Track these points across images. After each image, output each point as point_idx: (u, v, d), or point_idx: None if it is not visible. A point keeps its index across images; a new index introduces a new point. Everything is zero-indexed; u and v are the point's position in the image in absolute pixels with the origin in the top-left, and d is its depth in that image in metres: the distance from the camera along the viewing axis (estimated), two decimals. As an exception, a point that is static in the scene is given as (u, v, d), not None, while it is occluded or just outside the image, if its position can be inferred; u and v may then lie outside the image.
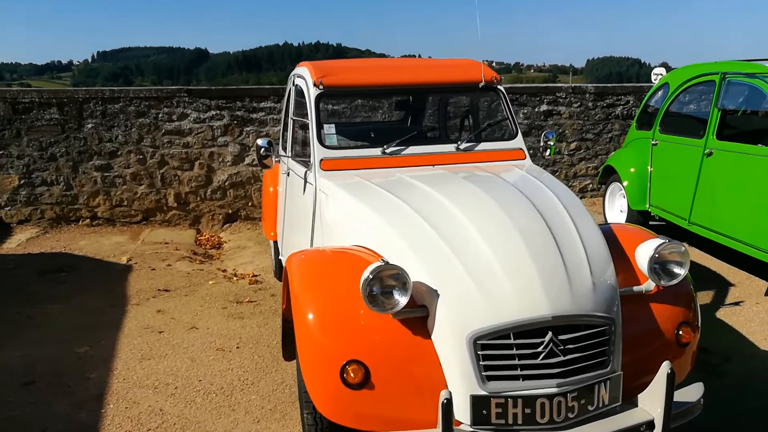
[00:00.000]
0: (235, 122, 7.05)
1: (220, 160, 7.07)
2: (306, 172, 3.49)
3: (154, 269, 5.49)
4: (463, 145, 3.54)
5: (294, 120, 4.02)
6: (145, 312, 4.43)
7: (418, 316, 2.25)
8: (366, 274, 2.14)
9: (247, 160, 7.13)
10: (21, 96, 6.66)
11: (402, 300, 2.17)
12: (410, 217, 2.55)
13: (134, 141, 6.86)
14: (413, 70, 3.84)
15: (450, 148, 3.53)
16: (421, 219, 2.51)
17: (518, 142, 3.64)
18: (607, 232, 2.77)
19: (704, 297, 4.64)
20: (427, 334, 2.23)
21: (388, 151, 3.42)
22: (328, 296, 2.32)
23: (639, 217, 5.94)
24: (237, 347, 3.81)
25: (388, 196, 2.76)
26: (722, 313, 4.34)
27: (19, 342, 3.88)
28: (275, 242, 5.04)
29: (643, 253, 2.45)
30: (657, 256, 2.42)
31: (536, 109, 7.66)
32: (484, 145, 3.59)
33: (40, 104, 6.65)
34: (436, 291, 2.22)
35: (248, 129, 7.10)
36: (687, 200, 5.22)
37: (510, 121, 3.72)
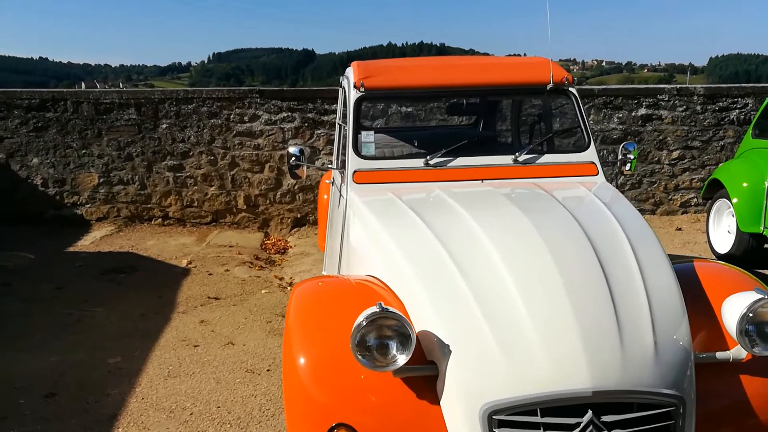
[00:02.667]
0: (306, 125, 6.85)
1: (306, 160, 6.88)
2: (342, 184, 3.14)
3: (211, 274, 5.37)
4: (522, 157, 3.03)
5: (340, 125, 3.68)
6: (188, 322, 4.28)
7: (427, 376, 1.82)
8: (358, 320, 1.74)
9: (317, 164, 6.91)
10: (103, 97, 6.83)
11: (401, 357, 1.75)
12: (432, 248, 2.11)
13: (206, 142, 6.84)
14: (470, 70, 3.37)
15: (507, 160, 3.03)
16: (444, 252, 2.06)
17: (590, 154, 3.07)
18: (688, 273, 2.19)
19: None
20: (435, 399, 1.80)
21: (432, 162, 2.99)
22: (326, 340, 1.93)
23: (751, 241, 5.07)
24: (267, 370, 3.53)
25: (414, 220, 2.34)
26: None
27: (58, 346, 3.83)
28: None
29: (733, 309, 1.86)
30: (751, 315, 1.83)
31: (633, 114, 6.86)
32: (548, 158, 3.06)
33: (120, 105, 6.79)
34: (448, 347, 1.78)
35: (319, 132, 6.88)
36: (811, 224, 4.35)
37: (582, 130, 3.16)
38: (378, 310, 1.73)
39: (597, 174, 3.03)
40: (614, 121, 6.87)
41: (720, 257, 5.45)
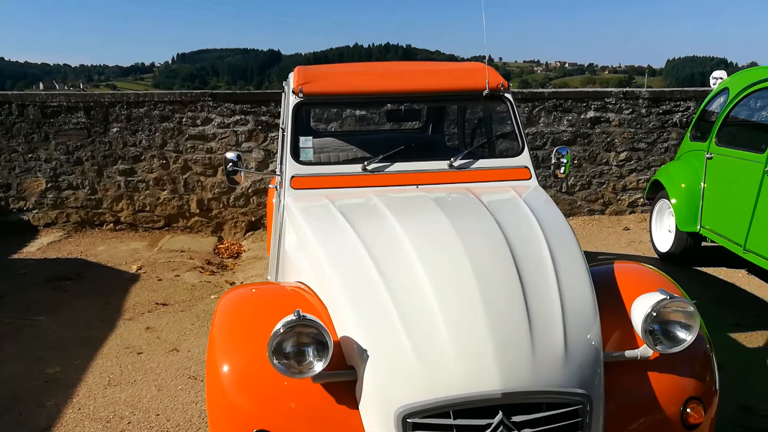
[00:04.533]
0: (260, 128, 6.82)
1: (245, 166, 6.85)
2: (281, 189, 3.15)
3: (161, 280, 5.31)
4: (457, 162, 3.09)
5: (283, 130, 3.69)
6: (133, 328, 4.23)
7: (347, 381, 1.85)
8: (275, 328, 1.76)
9: (272, 167, 6.89)
10: (50, 100, 6.68)
11: (318, 364, 1.78)
12: (357, 255, 2.14)
13: (158, 145, 6.76)
14: (408, 76, 3.41)
15: (442, 165, 3.09)
16: (369, 259, 2.10)
17: (524, 159, 3.15)
18: (606, 275, 2.27)
19: (758, 338, 3.98)
20: (354, 404, 1.83)
21: (369, 167, 3.02)
22: (248, 348, 1.95)
23: (689, 240, 5.26)
24: (211, 376, 3.51)
25: (343, 226, 2.37)
26: (776, 361, 3.68)
27: (-4, 357, 3.74)
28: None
29: (639, 310, 1.94)
30: (655, 314, 1.91)
31: (582, 116, 7.03)
32: (482, 163, 3.12)
33: (68, 108, 6.65)
34: (366, 352, 1.81)
35: (273, 135, 6.85)
36: (743, 223, 4.52)
37: (516, 135, 3.23)
38: (295, 317, 1.75)
39: (530, 178, 3.11)
40: (564, 124, 7.02)
41: (662, 256, 5.63)
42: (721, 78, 5.34)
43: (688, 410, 1.94)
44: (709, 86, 5.64)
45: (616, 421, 1.88)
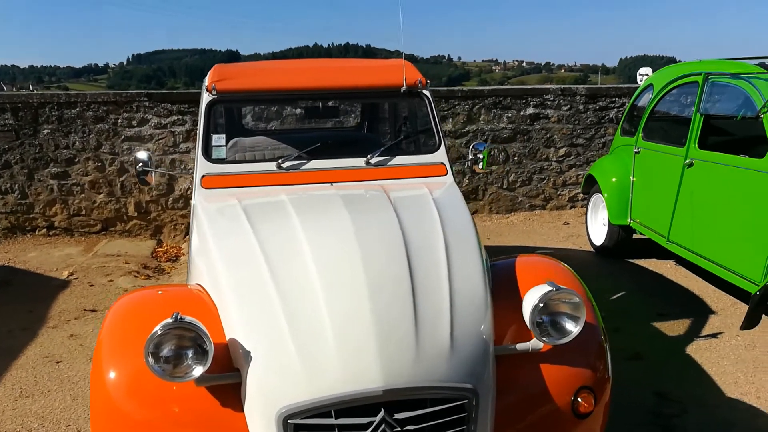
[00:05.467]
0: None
1: (182, 167, 6.72)
2: (192, 190, 3.09)
3: (92, 285, 5.16)
4: (374, 159, 3.08)
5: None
6: (56, 336, 4.09)
7: (231, 384, 1.81)
8: (153, 331, 1.72)
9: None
10: (-25, 101, 6.42)
11: (197, 368, 1.74)
12: (251, 256, 2.11)
13: (92, 148, 6.56)
14: (327, 73, 3.40)
15: (359, 162, 3.08)
16: (263, 260, 2.07)
17: (440, 155, 3.16)
18: (507, 268, 2.29)
19: (679, 327, 4.09)
20: (239, 407, 1.80)
21: (284, 165, 2.99)
22: (133, 353, 1.89)
23: (621, 233, 5.38)
24: (131, 383, 3.42)
25: (243, 227, 2.33)
26: (694, 348, 3.78)
27: None
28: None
29: (528, 302, 1.96)
30: (542, 306, 1.93)
31: (521, 113, 7.13)
32: (399, 159, 3.12)
33: (-6, 110, 6.40)
34: (250, 354, 1.78)
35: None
36: (667, 216, 4.65)
37: (433, 132, 3.24)
38: (172, 320, 1.71)
39: (446, 174, 3.12)
40: (504, 121, 7.10)
41: (597, 249, 5.75)
42: (647, 74, 5.47)
43: (579, 399, 1.97)
44: (638, 83, 5.78)
45: (507, 414, 1.89)
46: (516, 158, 7.22)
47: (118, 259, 5.94)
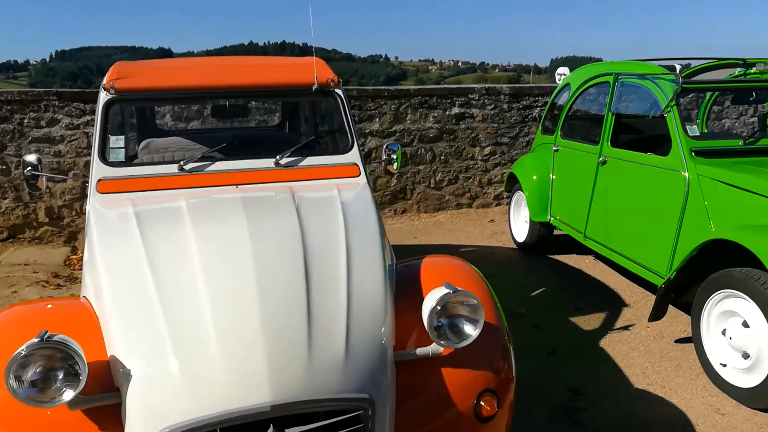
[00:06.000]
0: (114, 128, 6.37)
1: (77, 171, 6.38)
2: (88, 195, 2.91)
3: (-6, 297, 4.81)
4: (284, 160, 2.99)
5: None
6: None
7: (112, 405, 1.69)
8: (17, 351, 1.57)
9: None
10: None
11: (68, 391, 1.61)
12: (135, 267, 1.99)
13: (-4, 150, 6.14)
14: (235, 71, 3.27)
15: (268, 163, 2.98)
16: (147, 269, 1.95)
17: (353, 156, 3.10)
18: (412, 271, 2.25)
19: (594, 321, 4.19)
20: (120, 429, 1.67)
21: (187, 167, 2.86)
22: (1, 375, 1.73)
23: (542, 230, 5.49)
24: None
25: (132, 235, 2.19)
26: (607, 340, 3.89)
27: None
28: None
29: (426, 305, 1.92)
30: (440, 309, 1.90)
31: (447, 113, 7.18)
32: (310, 160, 3.04)
33: None
34: (131, 372, 1.66)
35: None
36: (583, 213, 4.77)
37: (346, 131, 3.18)
38: (38, 340, 1.57)
39: (359, 175, 3.06)
40: (430, 120, 7.14)
41: (519, 246, 5.85)
42: (564, 74, 5.61)
43: (482, 403, 1.95)
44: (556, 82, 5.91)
45: (408, 421, 1.85)
46: (443, 157, 7.27)
47: (25, 269, 5.58)
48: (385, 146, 3.42)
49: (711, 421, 2.98)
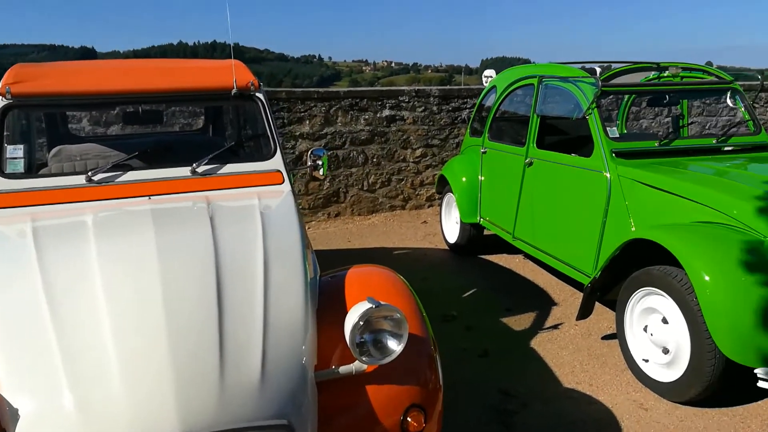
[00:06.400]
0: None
1: None
2: None
3: None
4: (202, 168, 2.84)
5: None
6: None
7: None
8: None
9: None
10: None
11: None
12: (28, 290, 1.81)
13: None
14: (147, 74, 3.09)
15: (184, 172, 2.82)
16: (42, 294, 1.78)
17: (276, 162, 2.99)
18: (336, 284, 2.17)
19: (525, 321, 4.24)
20: None
21: (96, 178, 2.66)
22: None
23: (472, 230, 5.53)
24: None
25: (26, 255, 2.01)
26: (537, 340, 3.93)
27: None
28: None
29: (348, 321, 1.85)
30: (362, 324, 1.82)
31: (378, 115, 7.14)
32: (231, 167, 2.91)
33: None
34: (18, 411, 1.50)
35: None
36: (511, 213, 4.83)
37: (269, 137, 3.06)
38: None
39: (282, 182, 2.95)
40: (361, 123, 7.07)
41: (451, 247, 5.88)
42: (491, 76, 5.67)
43: (409, 419, 1.89)
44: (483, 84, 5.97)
45: (332, 441, 1.77)
46: (375, 160, 7.23)
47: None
48: (310, 152, 3.32)
49: (635, 416, 3.05)
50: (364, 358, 1.81)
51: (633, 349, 3.39)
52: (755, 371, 2.70)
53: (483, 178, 5.37)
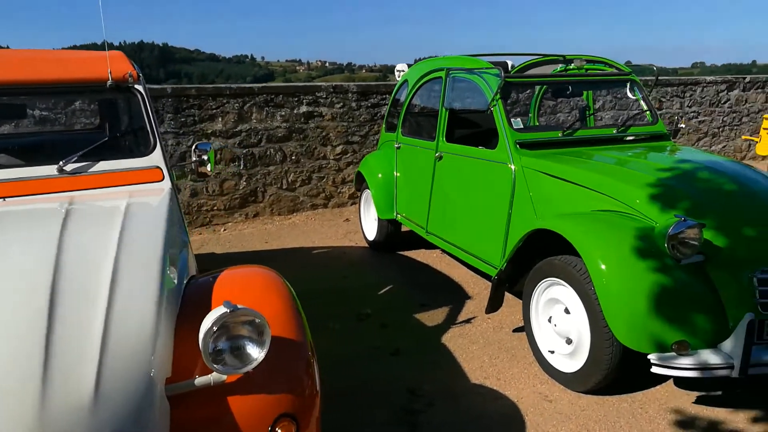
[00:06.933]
0: None
1: None
2: None
3: None
4: (71, 166, 2.60)
5: None
6: None
7: None
8: None
9: None
10: None
11: None
12: None
13: None
14: (9, 65, 2.81)
15: (51, 170, 2.57)
16: None
17: (155, 158, 2.78)
18: (202, 289, 1.99)
19: (438, 316, 4.17)
20: None
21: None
22: None
23: (390, 227, 5.44)
24: None
25: None
26: (449, 336, 3.87)
27: None
28: None
29: (203, 328, 1.68)
30: (216, 330, 1.66)
31: (295, 111, 6.94)
32: (104, 165, 2.68)
33: None
34: None
35: None
36: (424, 208, 4.77)
37: (148, 131, 2.84)
38: None
39: (162, 180, 2.75)
40: (278, 119, 6.87)
41: (371, 244, 5.77)
42: (403, 70, 5.60)
43: (278, 430, 1.74)
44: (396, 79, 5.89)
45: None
46: (293, 157, 7.03)
47: None
48: (194, 146, 3.11)
49: (540, 408, 3.02)
50: (220, 368, 1.65)
51: (539, 341, 3.37)
52: (648, 357, 2.71)
53: (398, 174, 5.29)
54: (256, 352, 1.68)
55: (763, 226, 2.83)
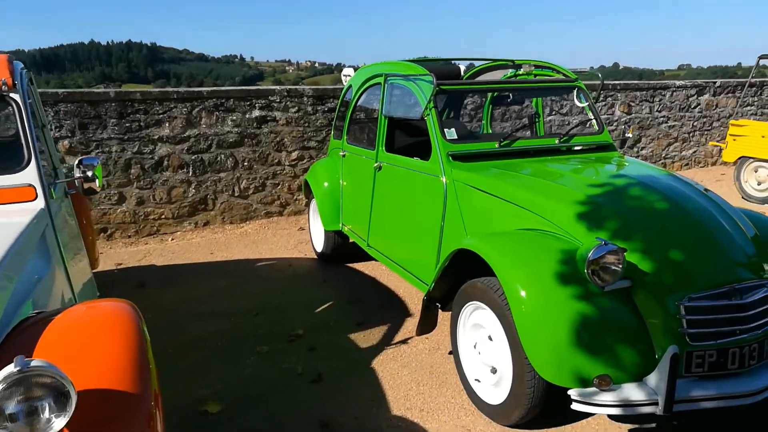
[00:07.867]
0: None
1: None
2: None
3: None
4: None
5: None
6: None
7: None
8: None
9: None
10: None
11: None
12: None
13: None
14: None
15: None
16: None
17: (28, 175, 2.51)
18: (29, 336, 1.74)
19: (374, 336, 3.94)
20: None
21: None
22: None
23: (336, 238, 5.19)
24: None
25: None
26: (380, 359, 3.63)
27: None
28: None
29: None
30: (5, 390, 1.41)
31: (247, 116, 6.68)
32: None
33: None
34: None
35: None
36: (365, 220, 4.53)
37: (23, 144, 2.58)
38: None
39: (35, 199, 2.49)
40: (228, 124, 6.61)
41: (319, 255, 5.52)
42: (349, 75, 5.35)
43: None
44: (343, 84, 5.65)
45: None
46: (246, 163, 6.77)
47: None
48: (77, 161, 2.85)
49: (459, 445, 2.79)
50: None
51: (466, 368, 3.14)
52: (569, 392, 2.48)
53: (344, 183, 5.05)
54: (55, 418, 1.43)
55: (693, 248, 2.61)
